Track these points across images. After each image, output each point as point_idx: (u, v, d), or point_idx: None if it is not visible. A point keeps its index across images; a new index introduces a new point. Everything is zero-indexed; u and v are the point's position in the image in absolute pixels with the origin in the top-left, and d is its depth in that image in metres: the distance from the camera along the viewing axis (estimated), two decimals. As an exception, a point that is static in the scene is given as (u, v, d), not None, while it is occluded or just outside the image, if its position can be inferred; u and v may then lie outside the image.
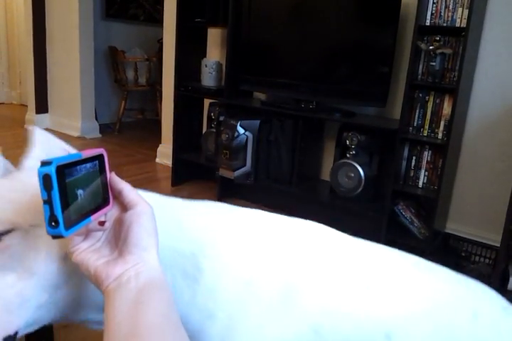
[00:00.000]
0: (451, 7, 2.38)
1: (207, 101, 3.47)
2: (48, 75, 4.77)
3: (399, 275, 0.73)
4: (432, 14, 2.42)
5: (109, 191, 0.57)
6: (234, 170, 2.93)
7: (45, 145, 0.66)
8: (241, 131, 2.88)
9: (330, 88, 2.81)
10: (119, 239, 0.55)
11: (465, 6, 2.33)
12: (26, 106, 4.95)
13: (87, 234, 0.56)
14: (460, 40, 2.39)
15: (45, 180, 0.45)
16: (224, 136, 2.92)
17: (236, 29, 3.08)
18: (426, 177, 2.58)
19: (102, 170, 0.56)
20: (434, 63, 2.43)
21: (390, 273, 0.72)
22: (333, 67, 2.84)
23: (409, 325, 0.67)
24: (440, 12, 2.41)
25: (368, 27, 2.66)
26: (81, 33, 4.38)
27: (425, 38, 2.48)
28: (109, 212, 0.57)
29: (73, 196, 0.49)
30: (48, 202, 0.45)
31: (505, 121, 2.48)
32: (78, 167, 0.50)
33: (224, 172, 2.97)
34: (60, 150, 0.66)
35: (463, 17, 2.34)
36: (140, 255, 0.53)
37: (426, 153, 2.57)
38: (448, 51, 2.41)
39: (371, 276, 0.71)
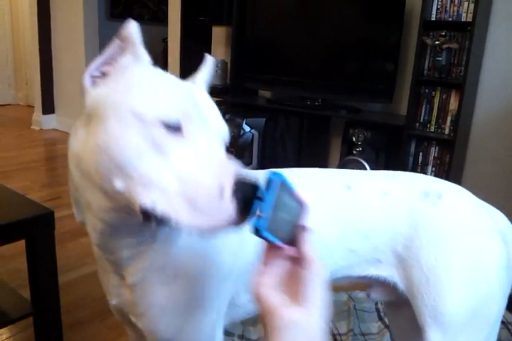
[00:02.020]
0: (456, 1, 2.36)
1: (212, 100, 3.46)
2: (53, 76, 4.78)
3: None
4: (437, 9, 2.40)
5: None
6: (240, 168, 2.93)
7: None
8: (247, 128, 2.88)
9: (335, 85, 2.80)
10: (291, 289, 0.58)
11: (471, 0, 2.31)
12: (33, 107, 4.97)
13: (268, 270, 0.59)
14: (466, 35, 2.37)
15: (268, 182, 0.54)
16: (230, 134, 2.92)
17: (240, 27, 3.08)
18: (433, 173, 2.56)
19: (299, 216, 0.60)
20: (440, 58, 2.42)
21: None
22: (338, 64, 2.83)
23: None
24: (446, 7, 2.39)
25: (373, 23, 2.64)
26: (86, 34, 4.38)
27: (431, 33, 2.46)
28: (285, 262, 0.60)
29: (276, 213, 0.54)
30: (261, 199, 0.53)
31: (512, 115, 2.46)
32: (291, 196, 0.57)
33: (230, 171, 2.97)
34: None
35: (469, 11, 2.32)
36: (310, 312, 0.55)
37: (433, 148, 2.55)
38: (454, 46, 2.39)
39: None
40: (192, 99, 0.64)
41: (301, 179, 0.92)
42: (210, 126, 0.64)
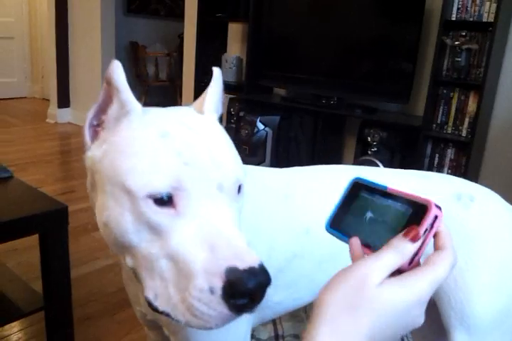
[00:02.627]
0: (478, 1, 2.32)
1: (226, 97, 3.46)
2: (70, 70, 4.81)
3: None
4: (458, 9, 2.36)
5: (419, 253, 0.48)
6: (253, 166, 2.92)
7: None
8: (261, 126, 2.86)
9: (351, 84, 2.78)
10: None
11: (493, 0, 2.26)
12: (48, 100, 5.01)
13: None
14: (487, 36, 2.33)
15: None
16: (243, 132, 2.91)
17: (257, 24, 3.06)
18: (449, 176, 2.53)
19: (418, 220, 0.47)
20: (459, 59, 2.38)
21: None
22: (355, 63, 2.80)
23: None
24: (466, 6, 2.35)
25: (392, 22, 2.61)
26: (103, 29, 4.40)
27: (450, 33, 2.42)
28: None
29: (356, 212, 0.54)
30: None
31: (532, 118, 2.41)
32: (378, 196, 0.54)
33: (243, 168, 2.96)
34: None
35: (490, 11, 2.28)
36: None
37: (449, 150, 2.52)
38: (474, 47, 2.35)
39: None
40: (188, 159, 0.55)
41: (327, 175, 0.91)
42: (212, 183, 0.56)
